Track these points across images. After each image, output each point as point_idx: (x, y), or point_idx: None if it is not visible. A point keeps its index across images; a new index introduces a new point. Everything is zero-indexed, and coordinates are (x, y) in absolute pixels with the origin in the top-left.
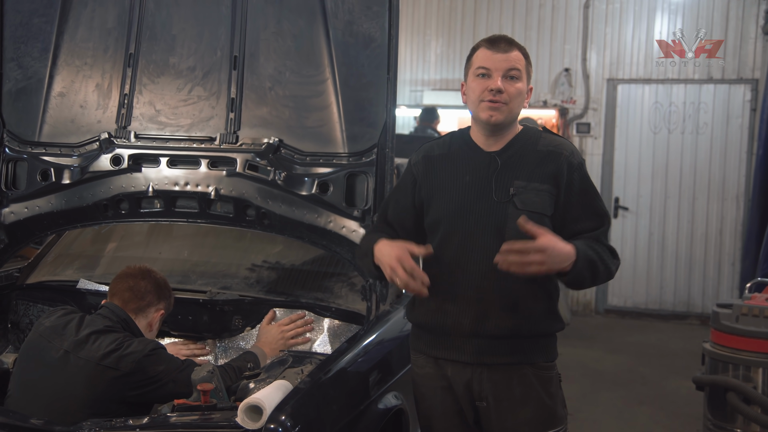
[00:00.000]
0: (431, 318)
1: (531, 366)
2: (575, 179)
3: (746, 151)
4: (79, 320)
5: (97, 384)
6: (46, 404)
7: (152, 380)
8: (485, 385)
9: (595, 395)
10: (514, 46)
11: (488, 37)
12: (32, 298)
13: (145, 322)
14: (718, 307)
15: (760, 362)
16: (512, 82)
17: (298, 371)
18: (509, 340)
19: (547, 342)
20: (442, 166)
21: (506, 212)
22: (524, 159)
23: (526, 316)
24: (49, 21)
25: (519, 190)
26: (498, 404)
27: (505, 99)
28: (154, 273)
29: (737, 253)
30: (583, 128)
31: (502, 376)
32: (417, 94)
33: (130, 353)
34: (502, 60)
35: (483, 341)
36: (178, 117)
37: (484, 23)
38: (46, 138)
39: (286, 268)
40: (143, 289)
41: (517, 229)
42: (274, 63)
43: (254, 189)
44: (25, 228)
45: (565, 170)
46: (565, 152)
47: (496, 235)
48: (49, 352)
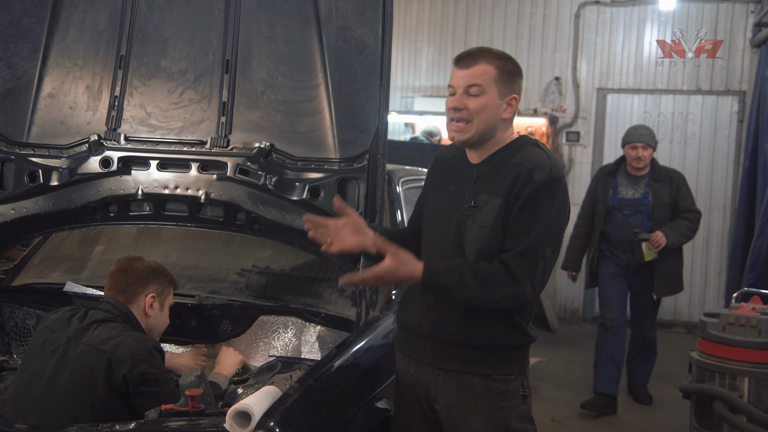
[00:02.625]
0: (404, 316)
1: (484, 377)
2: (524, 194)
3: (733, 162)
4: (83, 313)
5: (94, 366)
6: (46, 387)
7: (144, 383)
8: (440, 388)
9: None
10: (480, 59)
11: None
12: (18, 301)
13: (139, 310)
14: (705, 317)
15: (747, 371)
16: (473, 97)
17: (287, 377)
18: (462, 348)
19: (504, 355)
20: (441, 172)
21: (465, 225)
22: (498, 173)
23: (481, 327)
24: (39, 21)
25: (480, 203)
26: (449, 409)
27: (465, 116)
28: (138, 263)
29: (723, 263)
30: (573, 137)
31: (455, 383)
32: (408, 101)
33: (125, 343)
34: (462, 76)
35: (439, 346)
36: (168, 120)
37: (476, 30)
38: (35, 139)
39: (275, 273)
40: (125, 281)
41: (470, 243)
42: (266, 67)
43: (245, 193)
44: (12, 229)
45: (519, 183)
46: (528, 165)
47: (457, 246)
48: (53, 341)
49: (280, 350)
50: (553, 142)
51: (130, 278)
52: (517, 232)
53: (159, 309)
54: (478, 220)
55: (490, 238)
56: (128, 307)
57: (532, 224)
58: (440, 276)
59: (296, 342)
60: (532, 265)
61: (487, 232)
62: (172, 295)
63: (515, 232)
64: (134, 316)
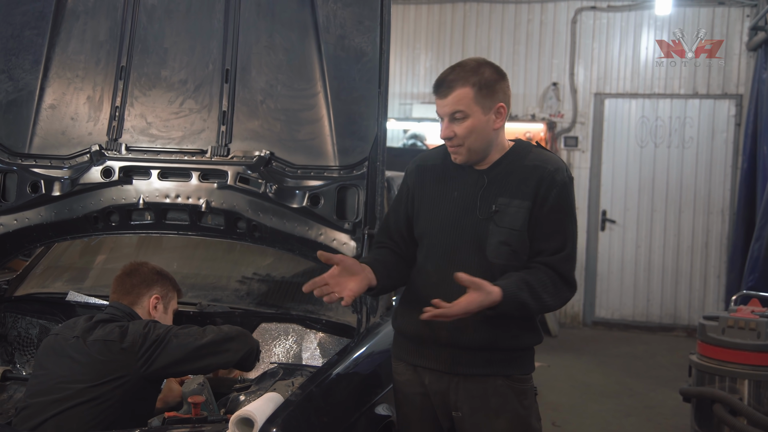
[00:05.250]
0: (412, 327)
1: (506, 378)
2: (551, 196)
3: (731, 165)
4: (88, 316)
5: (105, 357)
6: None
7: (156, 343)
8: (461, 394)
9: (583, 407)
10: (455, 84)
11: (441, 74)
12: (21, 311)
13: (144, 311)
14: (704, 320)
15: (746, 374)
16: (459, 123)
17: (288, 383)
18: (485, 351)
19: (523, 355)
20: (432, 179)
21: (487, 229)
22: (511, 176)
23: (503, 329)
24: (40, 33)
25: (501, 207)
26: (473, 414)
27: (458, 142)
28: (142, 267)
29: (723, 266)
30: (571, 142)
31: (478, 387)
32: (406, 107)
33: (131, 329)
34: (443, 105)
35: (460, 352)
36: (169, 129)
37: (473, 37)
38: (37, 150)
39: (276, 281)
40: (130, 284)
41: (497, 247)
42: (265, 76)
43: (245, 202)
44: (15, 240)
45: (544, 185)
46: (549, 167)
47: (477, 252)
48: (61, 343)
49: (281, 357)
50: (552, 147)
51: (134, 280)
52: (551, 234)
53: (163, 311)
54: (505, 224)
55: (520, 241)
56: (133, 309)
57: (564, 225)
58: (517, 295)
59: (297, 349)
60: (573, 266)
61: (517, 235)
62: (176, 301)
63: (548, 234)
64: (137, 314)
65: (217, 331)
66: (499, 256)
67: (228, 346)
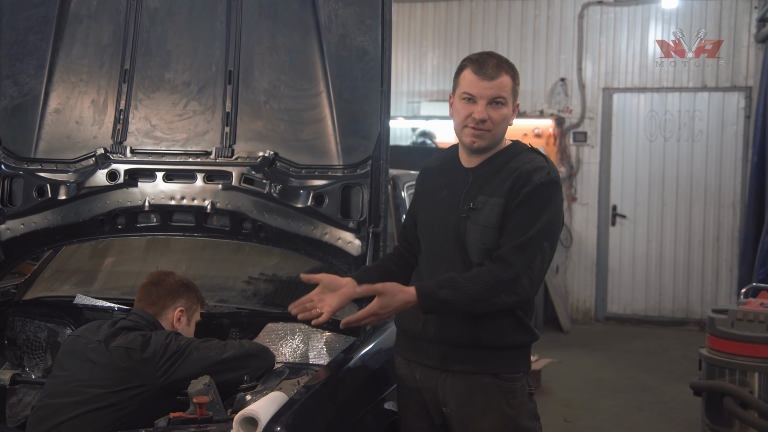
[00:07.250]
0: (407, 321)
1: (494, 376)
2: (522, 192)
3: (741, 158)
4: (112, 322)
5: (126, 365)
6: (76, 386)
7: (176, 355)
8: (448, 391)
9: (595, 402)
10: (502, 69)
11: (477, 55)
12: (29, 315)
13: (167, 323)
14: (713, 313)
15: (756, 366)
16: (497, 108)
17: (294, 382)
18: (473, 349)
19: (513, 353)
20: (432, 180)
21: (465, 226)
22: (495, 175)
23: (489, 326)
24: (44, 38)
25: (479, 205)
26: (459, 411)
27: (488, 127)
28: (169, 277)
29: (734, 259)
30: (580, 137)
31: (464, 384)
32: (414, 106)
33: (153, 339)
34: (487, 88)
35: (447, 348)
36: (173, 132)
37: (480, 34)
38: (42, 154)
39: (282, 281)
40: (156, 294)
41: (474, 244)
42: (268, 77)
43: (250, 202)
44: (22, 244)
45: (519, 182)
46: (528, 167)
47: (460, 249)
48: (83, 346)
49: (288, 356)
50: (560, 142)
51: (160, 291)
52: (514, 228)
53: (186, 323)
54: (480, 221)
55: (494, 238)
56: (157, 319)
57: (530, 221)
58: (434, 294)
59: (304, 348)
60: (530, 258)
61: (491, 232)
62: (199, 312)
63: (512, 228)
64: (160, 324)
65: (238, 346)
66: (477, 253)
67: (248, 362)
